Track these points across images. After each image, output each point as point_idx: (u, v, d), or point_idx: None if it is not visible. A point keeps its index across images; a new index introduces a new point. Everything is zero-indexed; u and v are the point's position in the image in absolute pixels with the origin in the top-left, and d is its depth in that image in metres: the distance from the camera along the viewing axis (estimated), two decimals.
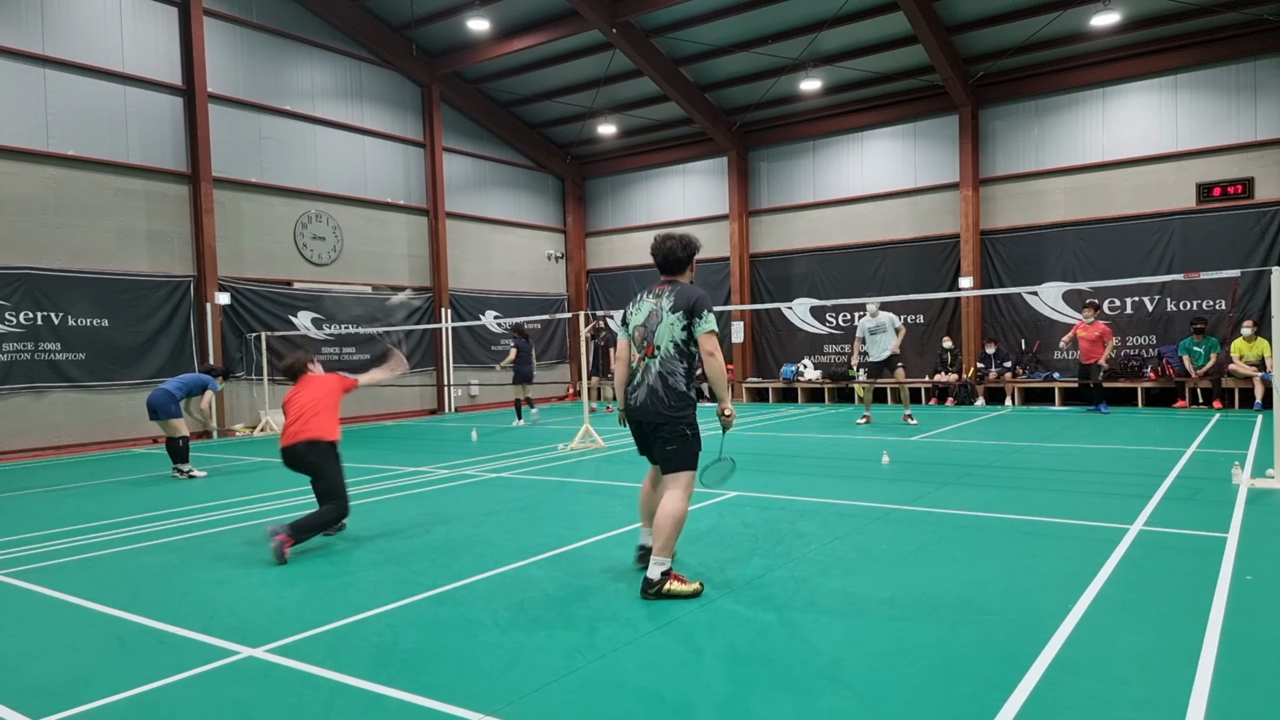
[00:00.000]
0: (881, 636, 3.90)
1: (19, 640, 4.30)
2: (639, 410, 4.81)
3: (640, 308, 4.93)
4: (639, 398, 4.80)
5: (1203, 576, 4.64)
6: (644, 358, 4.82)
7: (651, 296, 4.91)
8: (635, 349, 4.90)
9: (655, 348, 4.77)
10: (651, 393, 4.75)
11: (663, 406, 4.71)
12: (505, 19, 17.12)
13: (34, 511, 8.06)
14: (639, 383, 4.82)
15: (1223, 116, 15.07)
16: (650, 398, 4.74)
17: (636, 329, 4.89)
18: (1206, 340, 14.56)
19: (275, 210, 16.24)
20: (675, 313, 4.72)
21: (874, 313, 13.37)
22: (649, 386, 4.76)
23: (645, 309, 4.88)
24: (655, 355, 4.77)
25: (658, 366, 4.75)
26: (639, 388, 4.81)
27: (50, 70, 13.23)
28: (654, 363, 4.77)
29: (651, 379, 4.76)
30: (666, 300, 4.79)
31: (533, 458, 10.69)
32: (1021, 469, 8.79)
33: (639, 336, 4.87)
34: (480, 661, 3.75)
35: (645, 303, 4.91)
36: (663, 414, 4.72)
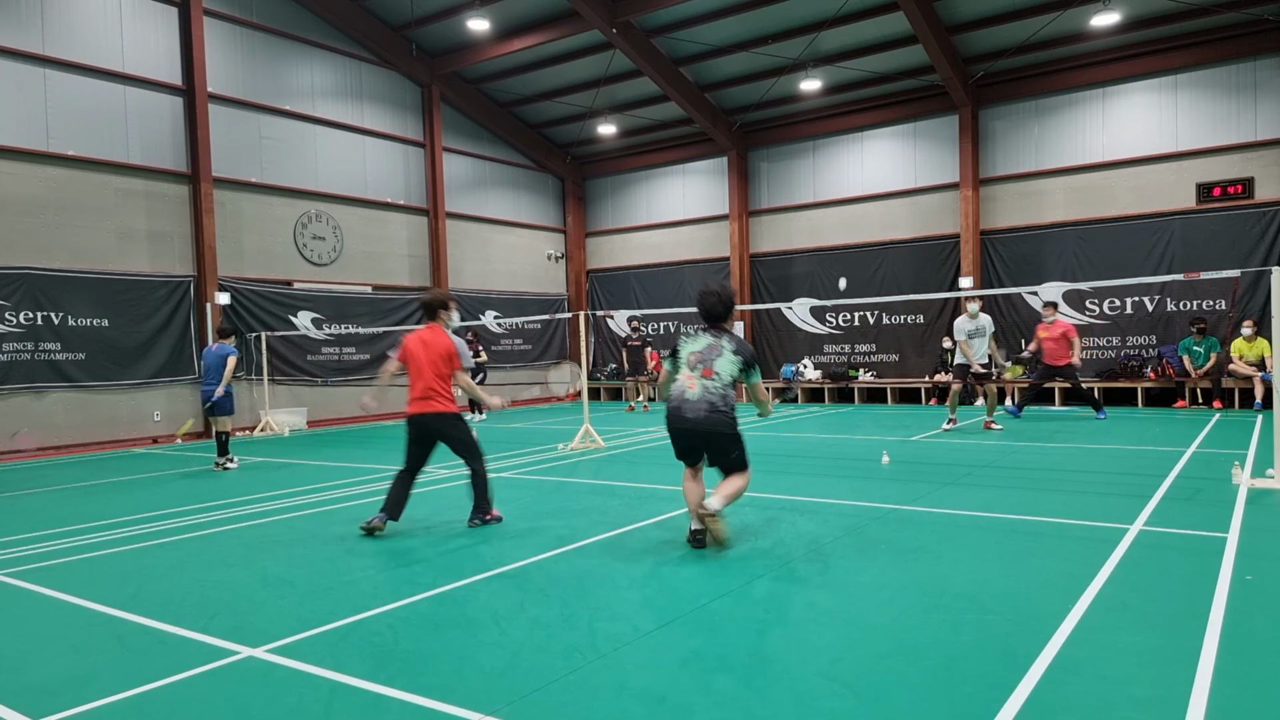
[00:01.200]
0: (881, 636, 3.90)
1: (19, 640, 4.30)
2: (702, 423, 5.56)
3: (697, 340, 5.79)
4: (700, 412, 5.56)
5: (1203, 576, 4.64)
6: (700, 379, 5.62)
7: (708, 334, 5.80)
8: (688, 369, 5.69)
9: (715, 373, 5.63)
10: (713, 409, 5.57)
11: (724, 420, 5.60)
12: (505, 19, 17.13)
13: (34, 511, 8.06)
14: (697, 399, 5.58)
15: (1223, 116, 15.07)
16: (712, 413, 5.57)
17: (692, 354, 5.72)
18: (1207, 340, 14.56)
19: (275, 210, 16.25)
20: (737, 356, 5.68)
21: (974, 314, 12.19)
22: (710, 404, 5.57)
23: (703, 341, 5.76)
24: (714, 379, 5.62)
25: (719, 389, 5.61)
26: (697, 404, 5.57)
27: (50, 70, 13.24)
28: (714, 384, 5.61)
29: (714, 398, 5.59)
30: (728, 343, 5.71)
31: (533, 458, 10.69)
32: (1021, 469, 8.78)
33: (694, 360, 5.70)
34: (480, 661, 3.75)
35: (702, 337, 5.79)
36: (724, 427, 5.60)
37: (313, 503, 8.00)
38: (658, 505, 7.19)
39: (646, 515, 6.80)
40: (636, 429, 13.93)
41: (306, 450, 12.63)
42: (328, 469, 10.39)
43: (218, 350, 10.69)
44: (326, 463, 11.02)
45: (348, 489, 8.66)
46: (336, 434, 15.25)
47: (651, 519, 6.66)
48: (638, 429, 13.92)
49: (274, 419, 15.41)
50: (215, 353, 10.68)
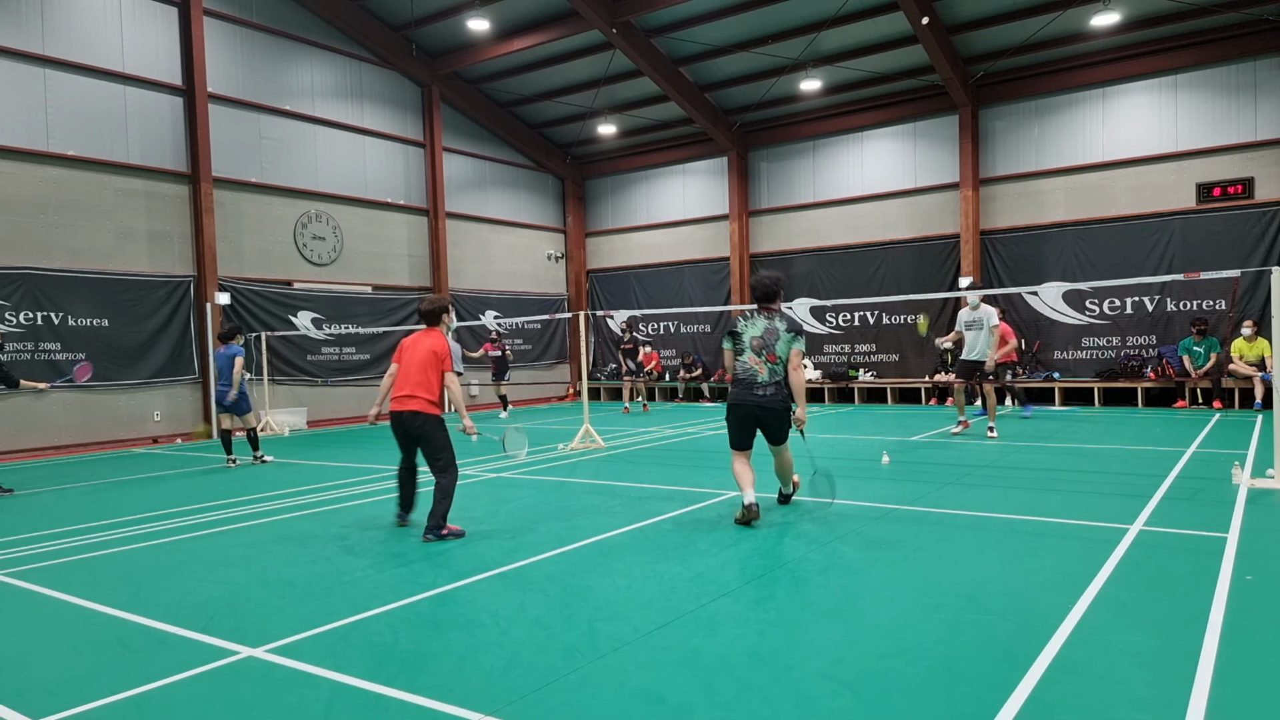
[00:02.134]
0: (881, 636, 3.90)
1: (19, 640, 4.30)
2: (771, 402, 6.29)
3: (754, 324, 6.40)
4: (769, 393, 6.30)
5: (1203, 576, 4.64)
6: (766, 363, 6.31)
7: (763, 317, 6.42)
8: (754, 353, 6.33)
9: (777, 356, 6.33)
10: (779, 388, 6.34)
11: (782, 400, 6.36)
12: (505, 19, 17.12)
13: (34, 511, 8.06)
14: (767, 381, 6.30)
15: (1223, 116, 15.07)
16: (779, 393, 6.34)
17: (754, 339, 6.34)
18: (1207, 340, 14.56)
19: (275, 210, 16.25)
20: (790, 332, 6.36)
21: (974, 304, 11.76)
22: (778, 384, 6.33)
23: (760, 325, 6.39)
24: (778, 362, 6.34)
25: (781, 371, 6.34)
26: (767, 385, 6.30)
27: (50, 70, 13.24)
28: (779, 368, 6.34)
29: (777, 378, 6.34)
30: (780, 322, 6.38)
31: (533, 458, 10.69)
32: (1021, 469, 8.78)
33: (757, 345, 6.33)
34: (480, 661, 3.75)
35: (759, 321, 6.41)
36: (783, 405, 6.37)
37: (313, 503, 8.00)
38: (657, 505, 7.19)
39: (646, 515, 6.80)
40: (636, 429, 13.92)
41: (306, 450, 12.63)
42: (328, 469, 10.39)
43: (224, 352, 10.83)
44: (326, 463, 11.02)
45: (348, 489, 8.66)
46: (336, 434, 15.24)
47: (651, 519, 6.66)
48: (638, 429, 13.92)
49: (274, 419, 15.41)
50: (223, 354, 10.85)
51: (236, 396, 10.72)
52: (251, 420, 11.12)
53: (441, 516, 6.20)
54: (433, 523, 6.18)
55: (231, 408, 10.85)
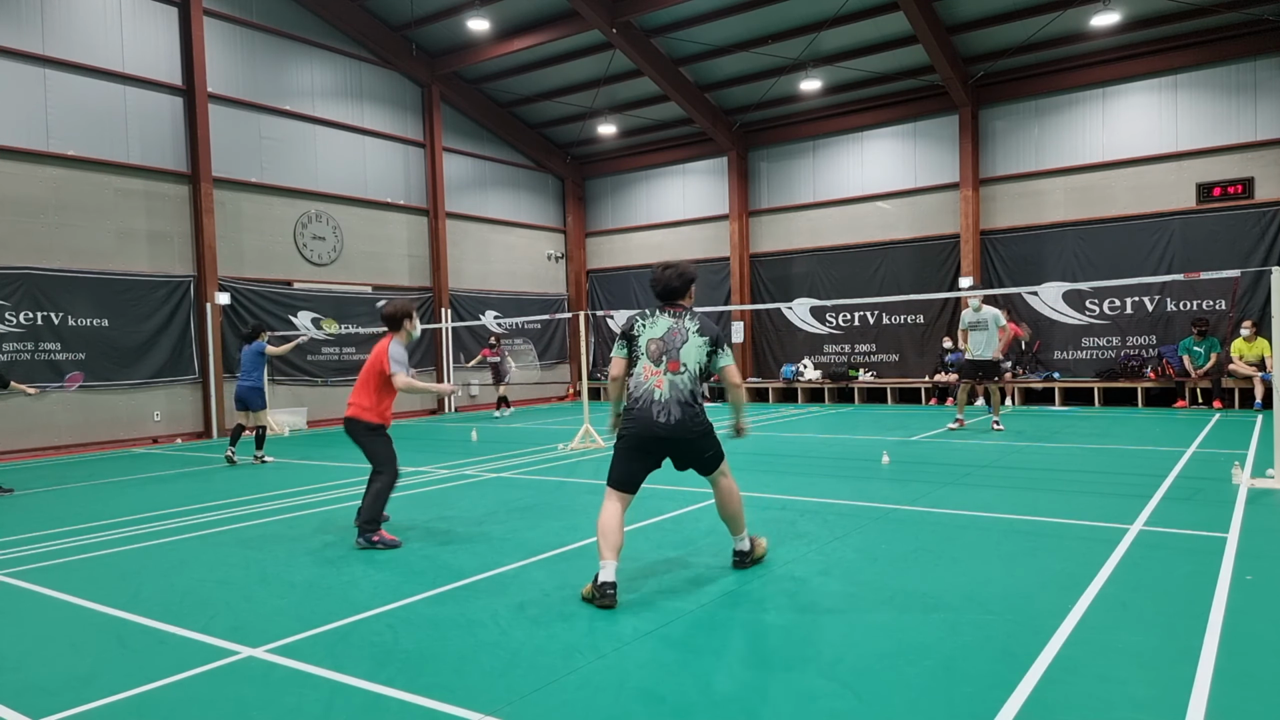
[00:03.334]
0: (881, 636, 3.90)
1: (19, 640, 4.30)
2: (674, 428, 4.71)
3: (655, 324, 4.88)
4: (672, 416, 4.71)
5: (1203, 576, 4.64)
6: (666, 373, 4.76)
7: (668, 315, 4.90)
8: (650, 361, 4.80)
9: (681, 365, 4.77)
10: (685, 409, 4.74)
11: (696, 422, 4.78)
12: (505, 19, 17.12)
13: (34, 511, 8.06)
14: (665, 400, 4.72)
15: (1223, 116, 15.07)
16: (685, 415, 4.73)
17: (652, 342, 4.82)
18: (1207, 340, 14.56)
19: (275, 210, 16.25)
20: (702, 337, 4.83)
21: (976, 307, 12.09)
22: (681, 404, 4.73)
23: (663, 325, 4.86)
24: (682, 372, 4.77)
25: (687, 384, 4.77)
26: (667, 405, 4.72)
27: (50, 70, 13.23)
28: (682, 379, 4.76)
29: (683, 395, 4.74)
30: (690, 322, 4.86)
31: (533, 458, 10.69)
32: (1021, 469, 8.78)
33: (656, 351, 4.80)
34: (480, 661, 3.75)
35: (661, 320, 4.89)
36: (697, 429, 4.79)
37: (313, 503, 8.00)
38: (657, 505, 7.19)
39: (646, 515, 6.79)
40: None
41: (306, 450, 12.63)
42: (328, 469, 10.39)
43: (253, 352, 11.12)
44: (326, 463, 11.02)
45: (348, 489, 8.66)
46: (336, 434, 15.23)
47: (651, 519, 6.66)
48: None
49: (274, 419, 15.40)
50: (250, 355, 11.14)
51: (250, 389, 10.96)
52: (264, 419, 11.28)
53: (371, 520, 6.02)
54: (360, 524, 6.05)
55: (246, 403, 11.04)
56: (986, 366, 12.08)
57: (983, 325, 11.99)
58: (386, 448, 6.30)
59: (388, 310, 6.43)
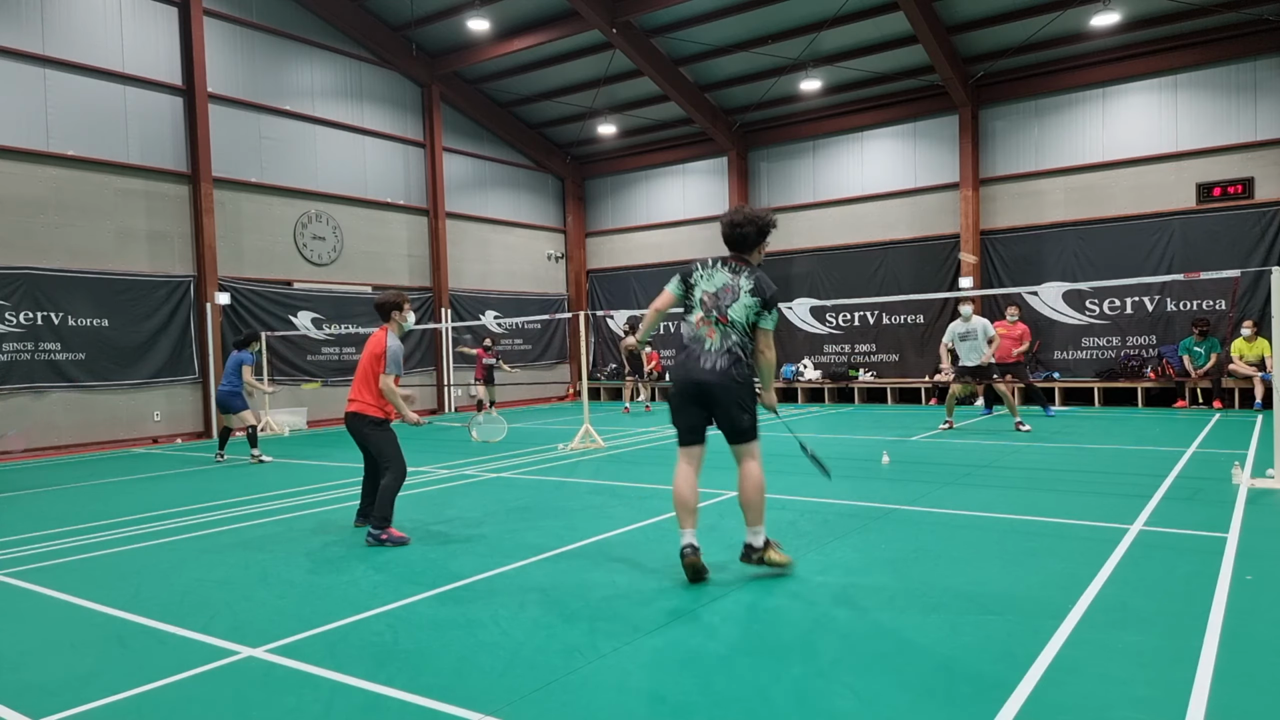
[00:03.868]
0: (881, 636, 3.90)
1: (19, 640, 4.30)
2: (718, 375, 4.74)
3: (712, 276, 4.89)
4: (718, 365, 4.75)
5: (1203, 576, 4.64)
6: (716, 324, 4.80)
7: (726, 270, 4.89)
8: (703, 313, 4.85)
9: (731, 321, 4.81)
10: (733, 360, 4.77)
11: (739, 375, 4.79)
12: (505, 19, 17.12)
13: (34, 511, 8.06)
14: (714, 349, 4.77)
15: (1223, 116, 15.07)
16: (732, 365, 4.76)
17: (706, 295, 4.86)
18: (1208, 341, 14.56)
19: (275, 210, 16.25)
20: (754, 297, 4.81)
21: (966, 316, 12.22)
22: (730, 353, 4.77)
23: (719, 280, 4.87)
24: (731, 325, 4.80)
25: (736, 338, 4.80)
26: (712, 354, 4.77)
27: (50, 70, 13.23)
28: (731, 333, 4.80)
29: (731, 346, 4.78)
30: (745, 281, 4.84)
31: (533, 458, 10.69)
32: (1021, 469, 8.78)
33: (708, 304, 4.84)
34: (480, 661, 3.75)
35: (719, 274, 4.89)
36: (739, 381, 4.78)
37: (313, 503, 8.00)
38: (658, 505, 7.19)
39: (646, 515, 6.80)
40: (636, 429, 13.92)
41: (306, 450, 12.63)
42: (328, 469, 10.39)
43: (233, 358, 11.28)
44: (326, 463, 11.02)
45: (348, 489, 8.66)
46: (336, 434, 15.24)
47: (652, 519, 6.66)
48: (638, 429, 13.92)
49: (274, 419, 15.41)
50: (231, 360, 11.32)
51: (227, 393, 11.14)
52: (249, 419, 11.26)
53: (382, 518, 6.07)
54: (373, 523, 6.10)
55: (224, 406, 11.23)
56: (982, 371, 12.18)
57: (972, 335, 12.14)
58: (392, 444, 6.34)
59: (378, 300, 6.56)
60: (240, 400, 11.19)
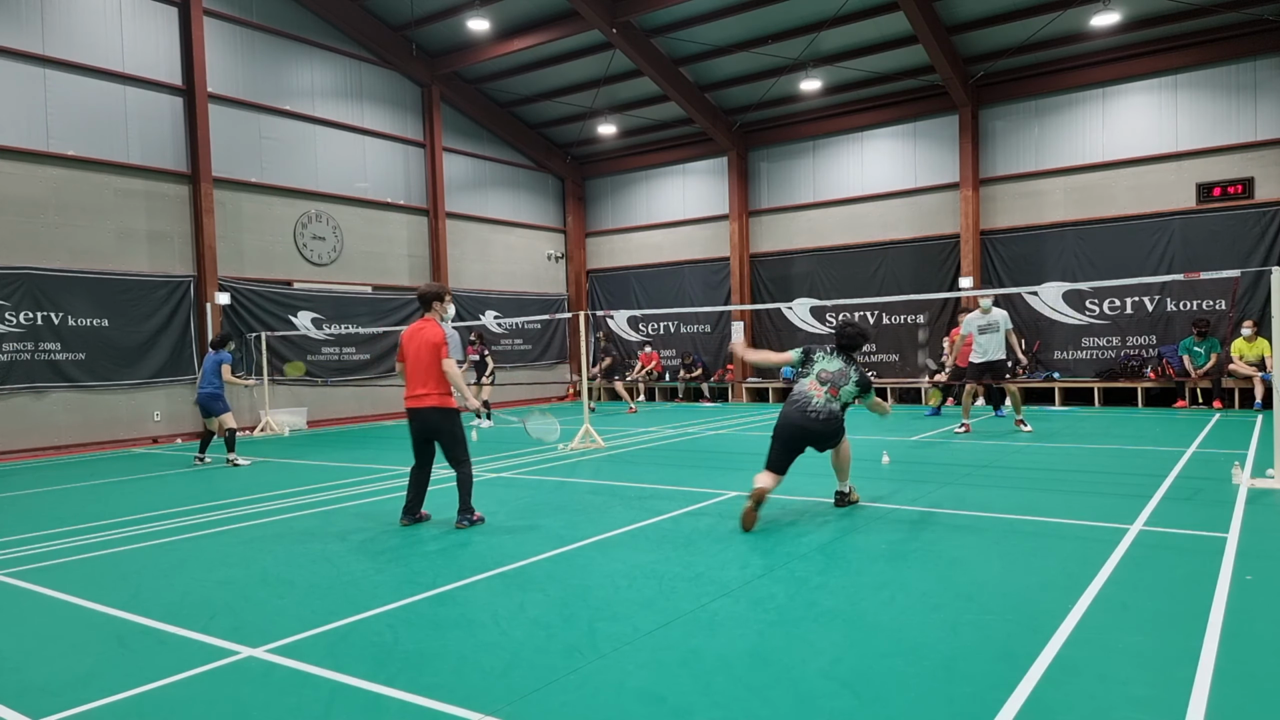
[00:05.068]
0: (881, 636, 3.90)
1: (19, 640, 4.30)
2: (818, 426, 6.59)
3: (833, 361, 6.82)
4: (820, 416, 6.61)
5: (1203, 576, 4.64)
6: (826, 394, 6.67)
7: (843, 360, 6.83)
8: (818, 381, 6.73)
9: (839, 390, 6.69)
10: (832, 415, 6.64)
11: (836, 426, 6.69)
12: (505, 19, 17.12)
13: (34, 511, 8.06)
14: (820, 407, 6.62)
15: (1223, 116, 15.07)
16: (831, 418, 6.64)
17: (824, 372, 6.75)
18: (1208, 341, 14.56)
19: (275, 210, 16.25)
20: (858, 385, 6.76)
21: (986, 309, 12.06)
22: (831, 412, 6.65)
23: (837, 365, 6.80)
24: (838, 398, 6.68)
25: (837, 405, 6.69)
26: (820, 412, 6.61)
27: (50, 70, 13.23)
28: (836, 402, 6.68)
29: (836, 409, 6.67)
30: (854, 373, 6.79)
31: (533, 458, 10.69)
32: (1021, 469, 8.78)
33: (825, 377, 6.73)
34: (480, 661, 3.75)
35: (836, 361, 6.82)
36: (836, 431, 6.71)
37: (313, 503, 8.00)
38: (658, 505, 7.19)
39: (646, 515, 6.80)
40: (636, 429, 13.93)
41: (306, 450, 12.63)
42: (328, 469, 10.39)
43: (211, 359, 11.19)
44: (326, 463, 11.02)
45: (348, 489, 8.66)
46: (336, 434, 15.25)
47: (651, 519, 6.67)
48: (638, 429, 13.92)
49: (274, 419, 15.41)
50: (209, 360, 11.22)
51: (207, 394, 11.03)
52: (229, 421, 11.13)
53: (467, 506, 6.60)
54: (462, 511, 6.60)
55: (205, 409, 11.14)
56: (996, 367, 12.05)
57: (994, 328, 11.99)
58: (464, 436, 6.73)
59: (422, 289, 6.87)
60: (222, 403, 11.07)
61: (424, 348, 6.58)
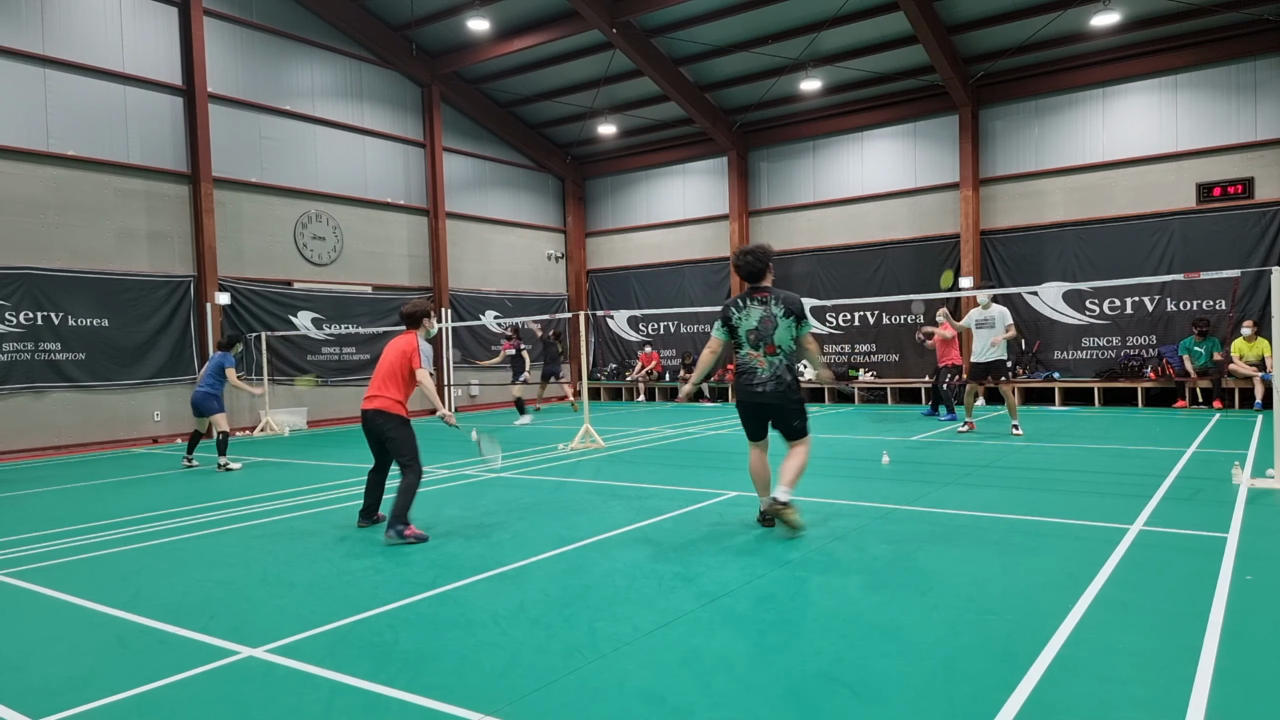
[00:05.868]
0: (881, 636, 3.90)
1: (19, 640, 4.30)
2: (770, 396, 5.87)
3: (749, 314, 5.93)
4: (769, 388, 5.86)
5: (1203, 576, 4.64)
6: (765, 355, 5.89)
7: (758, 304, 5.92)
8: (751, 348, 5.91)
9: (777, 347, 5.90)
10: (780, 382, 5.88)
11: (792, 394, 5.93)
12: (505, 19, 17.13)
13: (34, 511, 8.06)
14: (766, 376, 5.87)
15: (1223, 116, 15.07)
16: (781, 387, 5.87)
17: (750, 332, 5.90)
18: (1208, 341, 14.56)
19: (275, 210, 16.25)
20: (789, 317, 5.88)
21: (985, 304, 12.09)
22: (777, 378, 5.88)
23: (755, 315, 5.91)
24: (778, 353, 5.90)
25: (783, 361, 5.92)
26: (766, 381, 5.87)
27: (50, 70, 13.23)
28: (778, 359, 5.90)
29: (780, 371, 5.89)
30: (776, 307, 5.89)
31: (533, 458, 10.69)
32: (1021, 469, 8.78)
33: (754, 339, 5.90)
34: (480, 661, 3.75)
35: (753, 310, 5.92)
36: (793, 399, 5.93)
37: (313, 503, 8.00)
38: (658, 505, 7.19)
39: (646, 515, 6.80)
40: (636, 429, 13.93)
41: (306, 450, 12.63)
42: (328, 469, 10.39)
43: (215, 359, 10.98)
44: (326, 463, 11.02)
45: (348, 489, 8.66)
46: (336, 434, 15.24)
47: (651, 519, 6.66)
48: (638, 429, 13.92)
49: (274, 419, 15.41)
50: (213, 360, 11.04)
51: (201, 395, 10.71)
52: (222, 424, 10.79)
53: (401, 516, 6.10)
54: (393, 520, 6.11)
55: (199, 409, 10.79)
56: (996, 367, 12.03)
57: (990, 323, 11.92)
58: (413, 442, 6.52)
59: (407, 309, 6.80)
60: (218, 403, 10.76)
61: (393, 352, 6.55)
